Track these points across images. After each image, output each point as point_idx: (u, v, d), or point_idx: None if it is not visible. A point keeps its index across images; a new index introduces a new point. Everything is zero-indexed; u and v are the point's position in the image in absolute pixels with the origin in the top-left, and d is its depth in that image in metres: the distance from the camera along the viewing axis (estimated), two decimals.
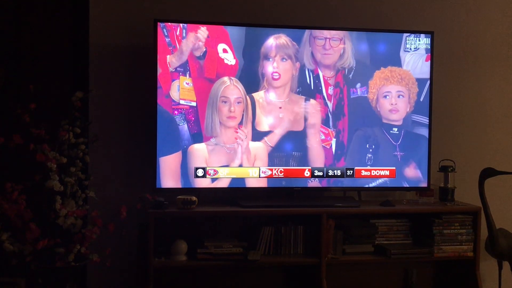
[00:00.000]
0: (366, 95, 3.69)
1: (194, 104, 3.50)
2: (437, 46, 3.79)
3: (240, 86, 3.54)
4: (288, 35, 3.59)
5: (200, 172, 3.52)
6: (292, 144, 3.64)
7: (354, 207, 3.61)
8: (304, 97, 3.64)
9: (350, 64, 3.66)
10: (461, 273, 3.79)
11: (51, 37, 3.60)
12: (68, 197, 3.07)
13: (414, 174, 3.75)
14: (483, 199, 3.70)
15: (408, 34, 3.72)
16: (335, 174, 3.68)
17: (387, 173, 3.74)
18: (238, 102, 3.54)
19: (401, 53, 3.72)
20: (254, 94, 3.59)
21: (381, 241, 3.68)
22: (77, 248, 3.01)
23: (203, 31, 3.49)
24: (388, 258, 3.59)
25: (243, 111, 3.55)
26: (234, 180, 3.56)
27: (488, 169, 3.73)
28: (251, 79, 3.56)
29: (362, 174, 3.71)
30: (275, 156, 3.61)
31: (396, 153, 3.74)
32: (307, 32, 3.62)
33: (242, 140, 3.54)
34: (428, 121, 3.76)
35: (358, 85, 3.69)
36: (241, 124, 3.55)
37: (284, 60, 3.59)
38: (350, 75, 3.67)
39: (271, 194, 3.68)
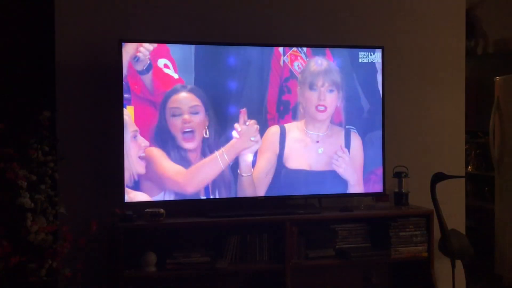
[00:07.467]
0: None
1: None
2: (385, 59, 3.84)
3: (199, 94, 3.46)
4: (253, 53, 3.56)
5: None
6: None
7: (316, 214, 3.64)
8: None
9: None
10: (417, 272, 3.83)
11: (19, 57, 3.62)
12: (38, 214, 3.03)
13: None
14: (435, 202, 3.76)
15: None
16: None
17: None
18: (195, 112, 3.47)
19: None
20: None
21: (342, 245, 3.70)
22: (49, 263, 2.97)
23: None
24: (349, 261, 3.62)
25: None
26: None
27: (439, 174, 3.79)
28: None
29: None
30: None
31: None
32: (276, 50, 3.59)
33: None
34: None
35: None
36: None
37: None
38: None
39: (237, 204, 3.67)
